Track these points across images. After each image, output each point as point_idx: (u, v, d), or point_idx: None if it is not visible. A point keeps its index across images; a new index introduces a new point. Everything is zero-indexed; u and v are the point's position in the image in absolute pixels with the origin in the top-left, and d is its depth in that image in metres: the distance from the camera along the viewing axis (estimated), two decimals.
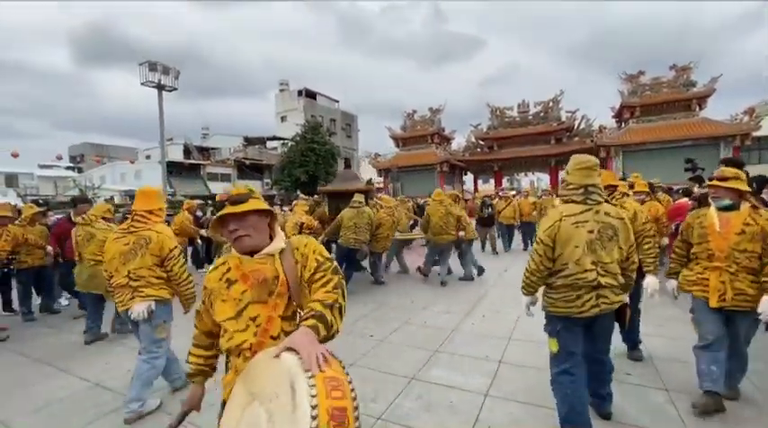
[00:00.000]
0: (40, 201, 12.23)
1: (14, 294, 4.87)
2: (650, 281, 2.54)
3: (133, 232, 2.53)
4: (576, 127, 23.14)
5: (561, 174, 1.76)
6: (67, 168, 40.28)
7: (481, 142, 26.41)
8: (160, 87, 15.56)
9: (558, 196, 2.02)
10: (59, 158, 39.25)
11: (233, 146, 32.10)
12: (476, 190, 25.21)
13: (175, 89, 16.25)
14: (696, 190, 5.33)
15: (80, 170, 38.52)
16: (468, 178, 28.92)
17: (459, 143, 27.53)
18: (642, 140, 18.15)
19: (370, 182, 9.39)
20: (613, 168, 17.74)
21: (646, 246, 2.60)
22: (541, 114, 24.01)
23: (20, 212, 5.46)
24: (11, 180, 31.80)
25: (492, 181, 27.05)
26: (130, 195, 19.69)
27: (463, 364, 2.95)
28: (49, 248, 4.60)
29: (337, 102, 39.86)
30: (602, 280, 1.91)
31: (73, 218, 4.46)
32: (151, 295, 2.48)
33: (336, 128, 35.52)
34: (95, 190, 20.12)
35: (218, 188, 27.40)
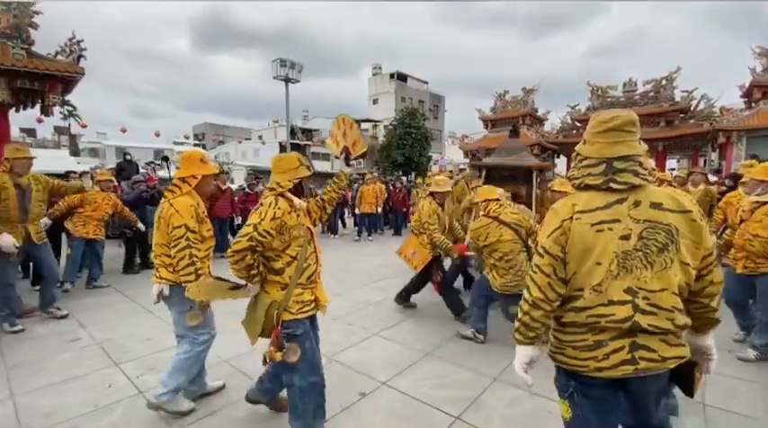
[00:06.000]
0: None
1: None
2: None
3: (163, 203, 2.28)
4: (693, 108, 21.14)
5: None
6: (194, 145, 47.88)
7: (578, 124, 25.45)
8: (287, 80, 18.27)
9: (569, 180, 1.40)
10: (187, 137, 47.00)
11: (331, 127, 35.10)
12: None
13: (299, 81, 18.79)
14: None
15: (204, 147, 45.51)
16: (561, 161, 28.12)
17: (553, 124, 26.77)
18: None
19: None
20: (733, 155, 16.28)
21: None
22: (651, 94, 22.24)
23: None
24: (158, 154, 39.44)
25: None
26: (255, 170, 23.49)
27: None
28: None
29: (426, 83, 40.65)
30: (644, 321, 1.16)
31: (221, 186, 6.79)
32: (164, 278, 2.22)
33: (424, 109, 36.51)
34: (230, 164, 24.30)
35: (320, 166, 30.75)
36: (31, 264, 5.42)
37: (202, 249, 2.27)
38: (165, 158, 9.38)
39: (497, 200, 3.31)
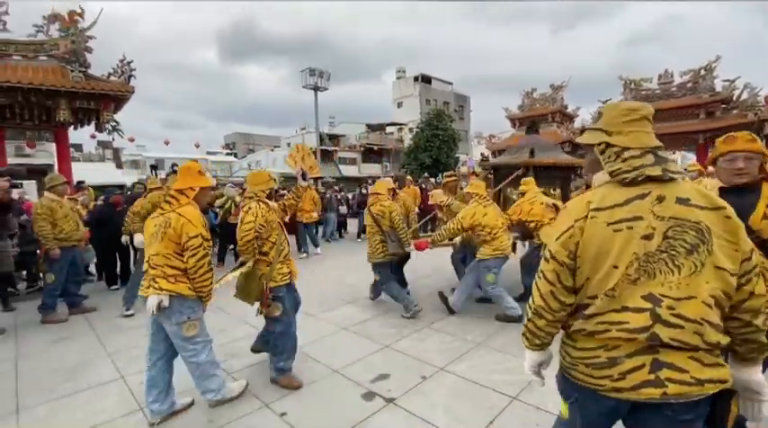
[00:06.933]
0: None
1: None
2: None
3: (162, 213, 2.31)
4: (735, 97, 20.10)
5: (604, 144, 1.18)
6: (227, 154, 49.80)
7: None
8: (316, 88, 18.91)
9: (613, 175, 1.12)
10: (224, 148, 49.20)
11: (356, 132, 35.71)
12: None
13: (327, 89, 19.39)
14: None
15: (235, 155, 47.22)
16: None
17: (584, 120, 26.12)
18: None
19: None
20: None
21: None
22: (689, 85, 21.30)
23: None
24: None
25: None
26: (285, 176, 24.28)
27: None
28: None
29: (450, 84, 40.64)
30: (665, 334, 1.00)
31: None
32: (164, 289, 2.20)
33: (449, 110, 36.53)
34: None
35: (347, 170, 31.37)
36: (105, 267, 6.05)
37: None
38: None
39: (378, 194, 4.33)
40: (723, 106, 19.91)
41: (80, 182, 6.82)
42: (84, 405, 2.56)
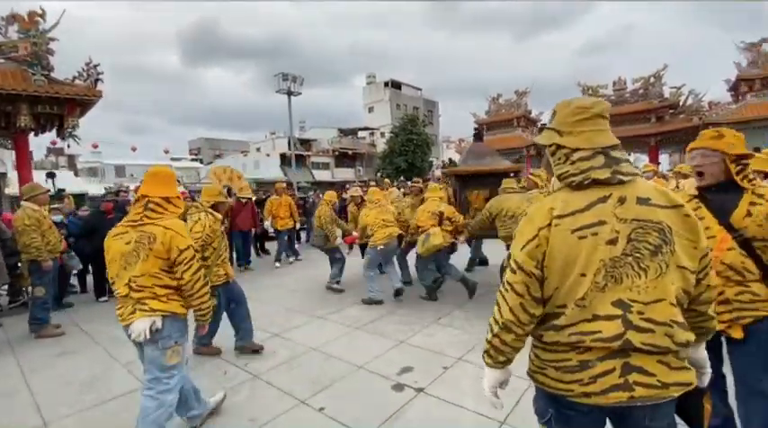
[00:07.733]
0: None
1: None
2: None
3: (137, 226, 2.00)
4: (681, 103, 21.98)
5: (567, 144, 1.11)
6: (192, 160, 48.05)
7: None
8: (289, 93, 18.80)
9: (561, 178, 1.12)
10: (190, 153, 47.60)
11: (328, 137, 35.64)
12: None
13: (300, 94, 19.32)
14: None
15: (201, 161, 45.69)
16: None
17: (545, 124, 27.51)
18: (763, 116, 16.99)
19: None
20: None
21: None
22: (640, 91, 23.07)
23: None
24: None
25: None
26: (257, 182, 23.72)
27: None
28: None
29: (419, 90, 41.47)
30: (637, 340, 1.00)
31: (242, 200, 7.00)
32: (157, 309, 1.97)
33: (419, 115, 37.32)
34: None
35: (320, 175, 31.18)
36: (89, 278, 5.81)
37: None
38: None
39: (330, 200, 5.59)
40: (671, 111, 21.69)
41: (60, 190, 6.50)
42: (114, 415, 2.53)
